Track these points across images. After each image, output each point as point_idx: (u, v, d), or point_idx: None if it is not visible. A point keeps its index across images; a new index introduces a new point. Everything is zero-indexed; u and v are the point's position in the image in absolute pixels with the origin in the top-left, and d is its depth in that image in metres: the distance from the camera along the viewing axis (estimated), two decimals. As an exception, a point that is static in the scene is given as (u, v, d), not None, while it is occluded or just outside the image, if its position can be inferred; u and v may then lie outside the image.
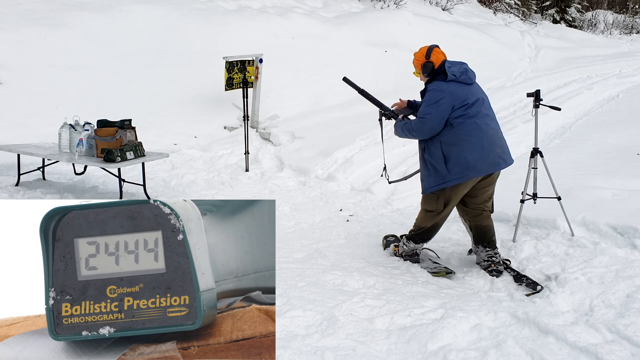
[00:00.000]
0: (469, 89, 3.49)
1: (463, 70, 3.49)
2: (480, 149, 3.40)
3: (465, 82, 3.48)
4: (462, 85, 3.46)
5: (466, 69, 3.52)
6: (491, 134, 3.47)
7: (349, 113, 8.04)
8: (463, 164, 3.39)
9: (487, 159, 3.43)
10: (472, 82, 3.54)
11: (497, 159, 3.48)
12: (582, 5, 22.64)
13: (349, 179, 5.93)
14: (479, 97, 3.50)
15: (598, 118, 8.09)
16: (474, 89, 3.54)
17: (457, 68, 3.49)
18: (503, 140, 3.59)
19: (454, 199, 3.56)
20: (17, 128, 6.26)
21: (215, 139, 7.27)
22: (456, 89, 3.43)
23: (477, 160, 3.40)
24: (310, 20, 10.58)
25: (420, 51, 3.61)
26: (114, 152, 4.64)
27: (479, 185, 3.54)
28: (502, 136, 3.60)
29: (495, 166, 3.48)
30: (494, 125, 3.53)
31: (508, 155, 3.57)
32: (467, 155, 3.39)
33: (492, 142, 3.46)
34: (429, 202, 3.62)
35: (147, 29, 8.74)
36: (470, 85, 3.51)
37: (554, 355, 2.54)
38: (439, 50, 3.59)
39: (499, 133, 3.56)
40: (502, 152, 3.51)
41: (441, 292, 3.31)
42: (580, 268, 3.48)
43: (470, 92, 3.48)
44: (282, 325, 2.66)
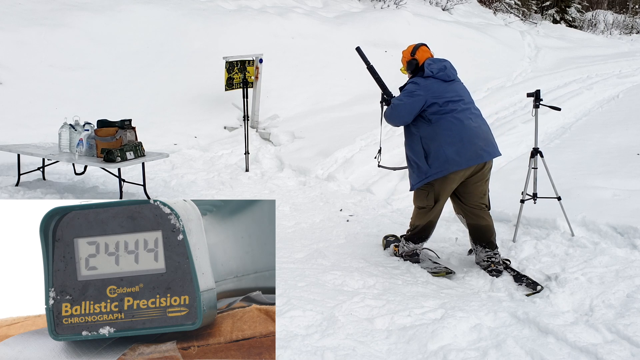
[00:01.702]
0: (447, 86, 3.54)
1: (442, 67, 3.56)
2: (459, 142, 3.42)
3: (443, 78, 3.54)
4: (439, 81, 3.53)
5: (445, 66, 3.58)
6: (472, 127, 3.48)
7: (349, 113, 8.04)
8: (442, 158, 3.44)
9: (468, 152, 3.43)
10: (452, 79, 3.59)
11: (480, 152, 3.47)
12: (582, 5, 22.65)
13: (349, 179, 5.93)
14: (457, 93, 3.55)
15: (598, 118, 8.09)
16: (454, 86, 3.58)
17: (436, 65, 3.57)
18: (488, 134, 3.58)
19: (443, 194, 3.57)
20: (17, 128, 6.26)
21: (215, 139, 7.28)
22: (432, 85, 3.51)
23: (457, 153, 3.42)
24: (310, 20, 10.59)
25: (407, 49, 3.74)
26: (114, 152, 4.64)
27: (470, 180, 3.54)
28: (486, 130, 3.60)
29: (477, 158, 3.46)
30: (476, 120, 3.54)
31: (493, 148, 3.57)
32: (446, 149, 3.43)
33: (474, 135, 3.46)
34: (420, 199, 3.66)
35: (147, 29, 8.74)
36: (449, 82, 3.56)
37: (554, 355, 2.54)
38: (425, 48, 3.69)
39: (482, 127, 3.56)
40: (485, 145, 3.50)
41: (441, 292, 3.31)
42: (580, 268, 3.48)
43: (448, 88, 3.53)
44: (282, 325, 2.66)
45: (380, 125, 4.24)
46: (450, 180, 3.50)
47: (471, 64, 10.59)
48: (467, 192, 3.59)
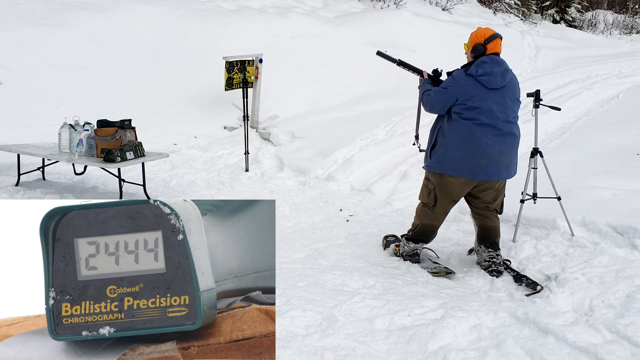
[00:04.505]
0: (486, 93, 3.37)
1: (489, 72, 3.36)
2: (461, 151, 3.39)
3: (484, 84, 3.36)
4: (479, 85, 3.38)
5: (494, 71, 3.36)
6: (482, 144, 3.35)
7: (349, 113, 8.05)
8: (440, 157, 3.47)
9: (465, 164, 3.40)
10: (495, 87, 3.38)
11: (476, 169, 3.39)
12: (582, 5, 22.65)
13: (349, 179, 5.93)
14: (491, 104, 3.36)
15: (598, 118, 8.09)
16: (495, 95, 3.38)
17: (486, 68, 3.37)
18: (501, 156, 3.41)
19: (442, 197, 3.58)
20: (17, 128, 6.26)
21: (215, 139, 7.28)
22: (468, 86, 3.39)
23: (456, 160, 3.41)
24: (310, 20, 10.59)
25: (484, 31, 3.50)
26: (114, 152, 4.64)
27: (475, 190, 3.56)
28: (502, 151, 3.41)
29: (472, 174, 3.42)
30: (494, 138, 3.37)
31: (496, 169, 3.42)
32: (449, 152, 3.43)
33: (479, 152, 3.36)
34: (423, 193, 3.71)
35: (147, 29, 8.74)
36: (491, 90, 3.38)
37: (554, 355, 2.54)
38: (499, 42, 3.49)
39: (497, 147, 3.38)
40: (487, 165, 3.39)
41: (441, 292, 3.31)
42: (580, 268, 3.48)
43: (485, 96, 3.36)
44: (282, 325, 2.66)
45: (418, 111, 4.02)
46: (448, 183, 3.51)
47: (471, 64, 10.57)
48: (476, 197, 3.64)
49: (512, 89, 3.48)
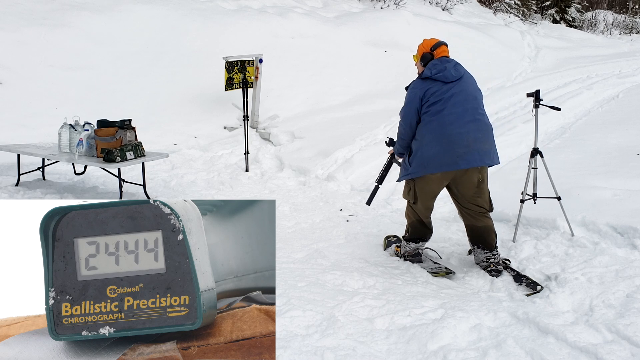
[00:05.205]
0: (444, 86, 3.45)
1: (441, 69, 3.47)
2: (437, 147, 3.41)
3: (442, 80, 3.45)
4: (438, 83, 3.47)
5: (446, 67, 3.48)
6: (454, 133, 3.38)
7: (349, 113, 8.05)
8: (419, 159, 3.48)
9: (443, 158, 3.41)
10: (451, 80, 3.46)
11: (456, 159, 3.40)
12: (582, 5, 22.65)
13: (349, 179, 5.93)
14: (453, 94, 3.43)
15: (598, 118, 8.09)
16: (454, 86, 3.46)
17: (439, 66, 3.49)
18: (477, 141, 3.42)
19: (421, 195, 3.60)
20: (17, 128, 6.26)
21: (215, 139, 7.28)
22: (427, 85, 3.49)
23: (433, 157, 3.42)
24: (310, 20, 10.59)
25: (429, 41, 3.66)
26: (114, 152, 4.64)
27: (457, 183, 3.52)
28: (477, 137, 3.43)
29: (451, 165, 3.41)
30: (465, 125, 3.40)
31: (477, 156, 3.42)
32: (424, 151, 3.45)
33: (453, 141, 3.38)
34: (405, 191, 3.75)
35: (147, 29, 8.75)
36: (449, 83, 3.46)
37: (554, 355, 2.54)
38: (445, 49, 3.61)
39: (472, 134, 3.40)
40: (465, 153, 3.39)
41: (441, 292, 3.31)
42: (580, 268, 3.48)
43: (445, 89, 3.45)
44: (282, 325, 2.66)
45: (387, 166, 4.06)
46: (428, 181, 3.53)
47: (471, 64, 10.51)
48: (458, 192, 3.58)
49: (468, 80, 3.58)
